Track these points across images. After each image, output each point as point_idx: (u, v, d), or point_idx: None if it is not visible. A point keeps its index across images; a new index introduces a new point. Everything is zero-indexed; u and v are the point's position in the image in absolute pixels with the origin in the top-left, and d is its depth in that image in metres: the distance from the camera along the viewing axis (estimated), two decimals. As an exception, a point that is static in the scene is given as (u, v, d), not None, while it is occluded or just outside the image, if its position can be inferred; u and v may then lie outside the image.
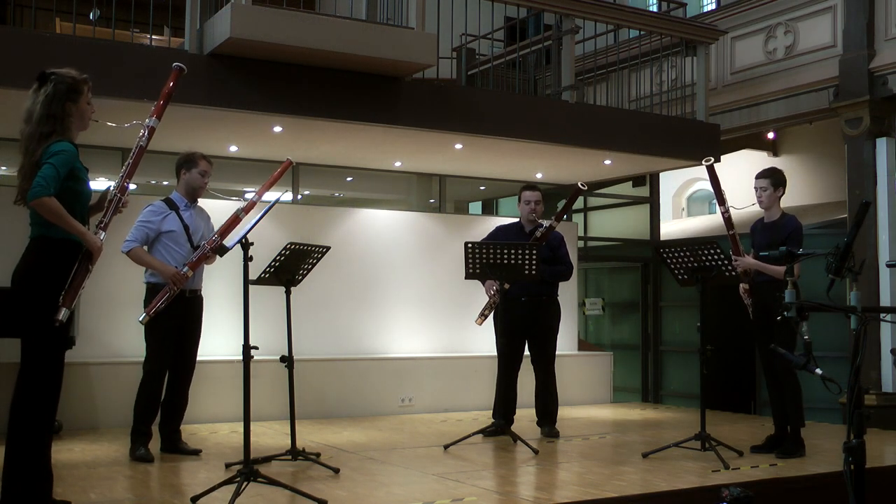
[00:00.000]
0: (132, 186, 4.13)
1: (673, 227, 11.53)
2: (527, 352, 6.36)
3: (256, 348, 4.24)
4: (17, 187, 3.70)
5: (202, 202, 5.53)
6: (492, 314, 6.21)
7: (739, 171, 9.11)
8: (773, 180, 5.65)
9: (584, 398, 8.44)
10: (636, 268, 10.85)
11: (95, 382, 6.50)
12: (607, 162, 8.47)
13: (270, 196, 5.01)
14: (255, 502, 4.00)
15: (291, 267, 5.06)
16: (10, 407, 3.57)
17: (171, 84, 4.35)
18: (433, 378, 7.84)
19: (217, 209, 5.75)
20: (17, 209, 3.75)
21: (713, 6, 11.78)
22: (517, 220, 6.55)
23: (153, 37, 6.83)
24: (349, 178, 9.11)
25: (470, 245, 5.74)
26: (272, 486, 4.11)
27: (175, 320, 5.18)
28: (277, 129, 6.85)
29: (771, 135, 10.65)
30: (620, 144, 7.95)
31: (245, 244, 4.21)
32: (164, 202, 5.32)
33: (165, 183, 8.10)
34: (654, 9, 12.19)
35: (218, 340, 6.87)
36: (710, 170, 5.62)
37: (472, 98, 7.47)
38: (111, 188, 3.96)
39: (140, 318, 5.01)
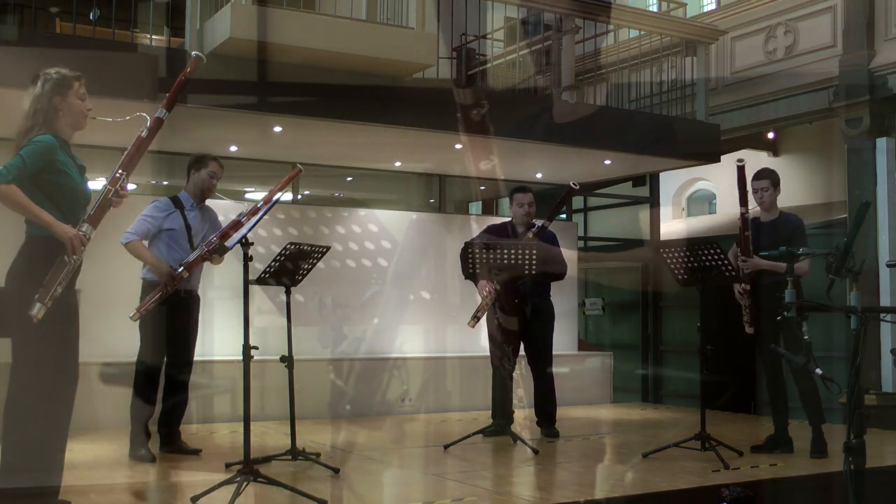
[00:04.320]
0: (131, 186, 4.05)
1: (673, 227, 11.52)
2: (522, 352, 6.33)
3: (256, 348, 4.23)
4: None
5: (210, 202, 5.48)
6: (484, 316, 6.19)
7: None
8: (772, 180, 5.66)
9: (583, 398, 8.43)
10: (636, 268, 10.84)
11: (95, 382, 6.49)
12: (607, 162, 8.47)
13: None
14: (255, 502, 4.00)
15: (291, 267, 5.05)
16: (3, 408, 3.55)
17: (187, 74, 3.98)
18: (433, 378, 7.83)
19: (217, 208, 5.74)
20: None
21: (713, 6, 11.76)
22: (508, 219, 6.51)
23: (153, 37, 6.83)
24: (349, 178, 9.11)
25: (470, 244, 5.73)
26: (272, 486, 4.10)
27: (170, 319, 5.15)
28: (277, 129, 6.85)
29: (771, 135, 10.64)
30: (620, 144, 7.94)
31: (245, 244, 4.21)
32: (171, 200, 5.31)
33: (165, 183, 8.10)
34: (654, 9, 12.19)
35: (218, 340, 6.86)
36: (741, 170, 5.55)
37: (473, 98, 7.46)
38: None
39: (130, 315, 4.99)
